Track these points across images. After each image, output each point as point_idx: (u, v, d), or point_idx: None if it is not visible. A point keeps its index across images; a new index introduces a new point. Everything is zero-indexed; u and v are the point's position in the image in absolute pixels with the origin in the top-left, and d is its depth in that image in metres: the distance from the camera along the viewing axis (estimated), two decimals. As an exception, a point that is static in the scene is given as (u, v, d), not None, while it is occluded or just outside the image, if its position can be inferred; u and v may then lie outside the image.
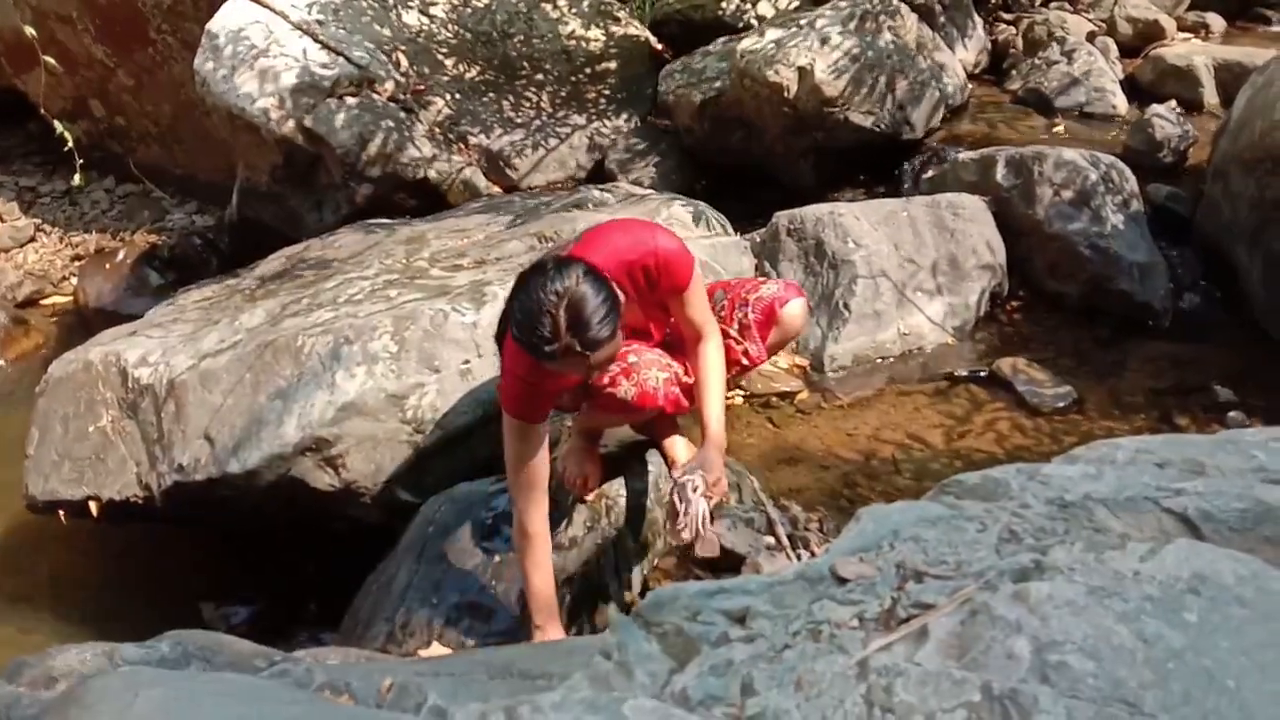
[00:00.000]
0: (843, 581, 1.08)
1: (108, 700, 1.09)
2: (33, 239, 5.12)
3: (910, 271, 3.21)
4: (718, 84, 4.07)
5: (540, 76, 4.36)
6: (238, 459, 2.51)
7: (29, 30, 3.85)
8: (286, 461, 2.48)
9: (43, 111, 4.28)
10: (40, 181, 5.54)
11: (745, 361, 2.30)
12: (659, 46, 4.64)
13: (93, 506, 2.79)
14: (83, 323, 4.43)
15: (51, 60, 3.86)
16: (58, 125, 3.64)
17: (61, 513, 2.89)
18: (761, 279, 2.58)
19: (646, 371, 2.07)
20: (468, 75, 4.24)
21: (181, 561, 3.08)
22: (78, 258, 4.97)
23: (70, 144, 3.59)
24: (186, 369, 2.69)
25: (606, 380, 2.05)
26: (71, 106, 5.30)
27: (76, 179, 3.89)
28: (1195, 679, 0.91)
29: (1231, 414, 2.75)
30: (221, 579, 2.90)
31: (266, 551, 2.86)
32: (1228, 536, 1.15)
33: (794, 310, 2.30)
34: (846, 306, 3.11)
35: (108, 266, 4.69)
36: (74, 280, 4.81)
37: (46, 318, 4.66)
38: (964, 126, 4.13)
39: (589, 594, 2.15)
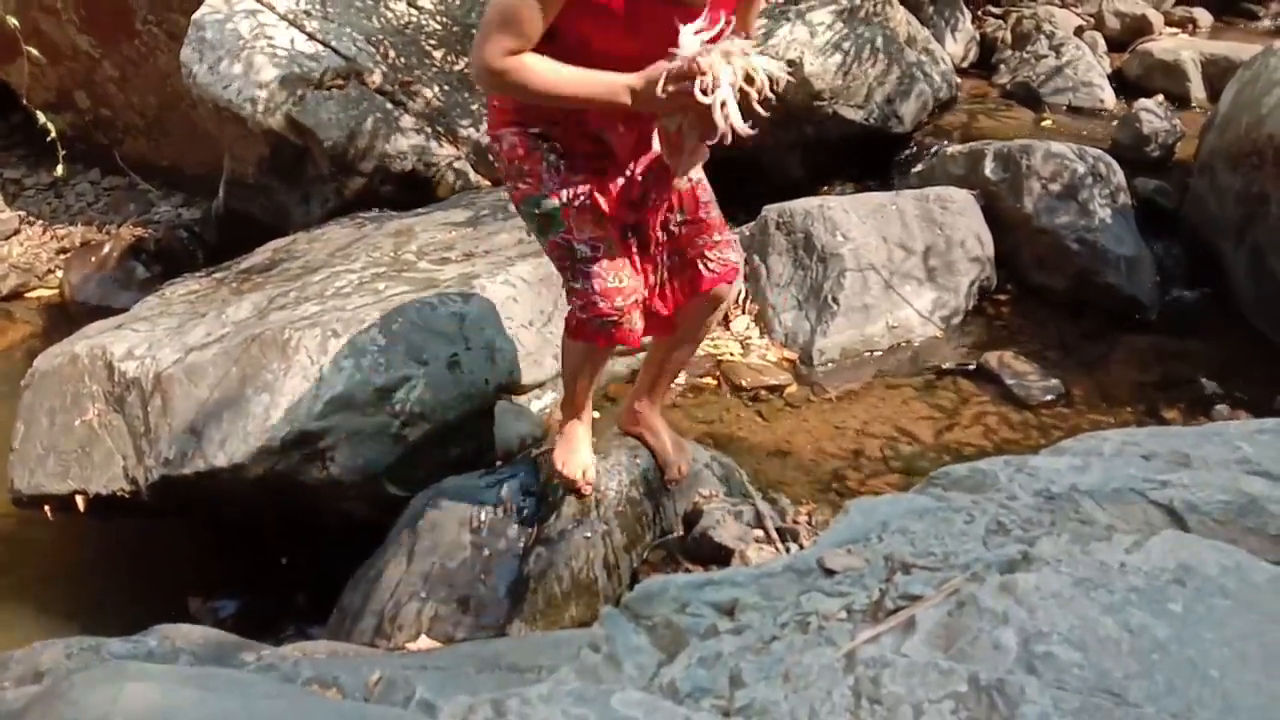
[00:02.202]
0: (831, 573, 1.08)
1: (94, 694, 1.08)
2: (17, 231, 5.07)
3: (899, 265, 3.21)
4: (707, 77, 4.06)
5: (529, 69, 4.34)
6: (224, 452, 2.49)
7: (12, 21, 3.81)
8: (274, 455, 2.47)
9: (26, 103, 4.24)
10: (25, 174, 5.49)
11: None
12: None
13: (79, 500, 2.77)
14: (68, 316, 4.40)
15: (35, 51, 3.83)
16: (40, 116, 3.61)
17: (47, 507, 2.87)
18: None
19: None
20: (456, 67, 4.21)
21: (168, 556, 3.06)
22: (63, 251, 4.93)
23: (53, 135, 3.56)
24: (173, 362, 2.67)
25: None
26: (56, 98, 5.25)
27: (59, 170, 3.86)
28: (1179, 669, 0.92)
29: (1217, 407, 2.77)
30: (208, 573, 2.89)
31: (254, 546, 2.85)
32: (1212, 528, 1.16)
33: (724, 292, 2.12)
34: (835, 300, 3.11)
35: (93, 259, 4.65)
36: (59, 273, 4.76)
37: (31, 311, 4.63)
38: (952, 120, 4.14)
39: (577, 587, 2.15)
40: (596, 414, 2.32)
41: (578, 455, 2.24)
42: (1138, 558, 1.06)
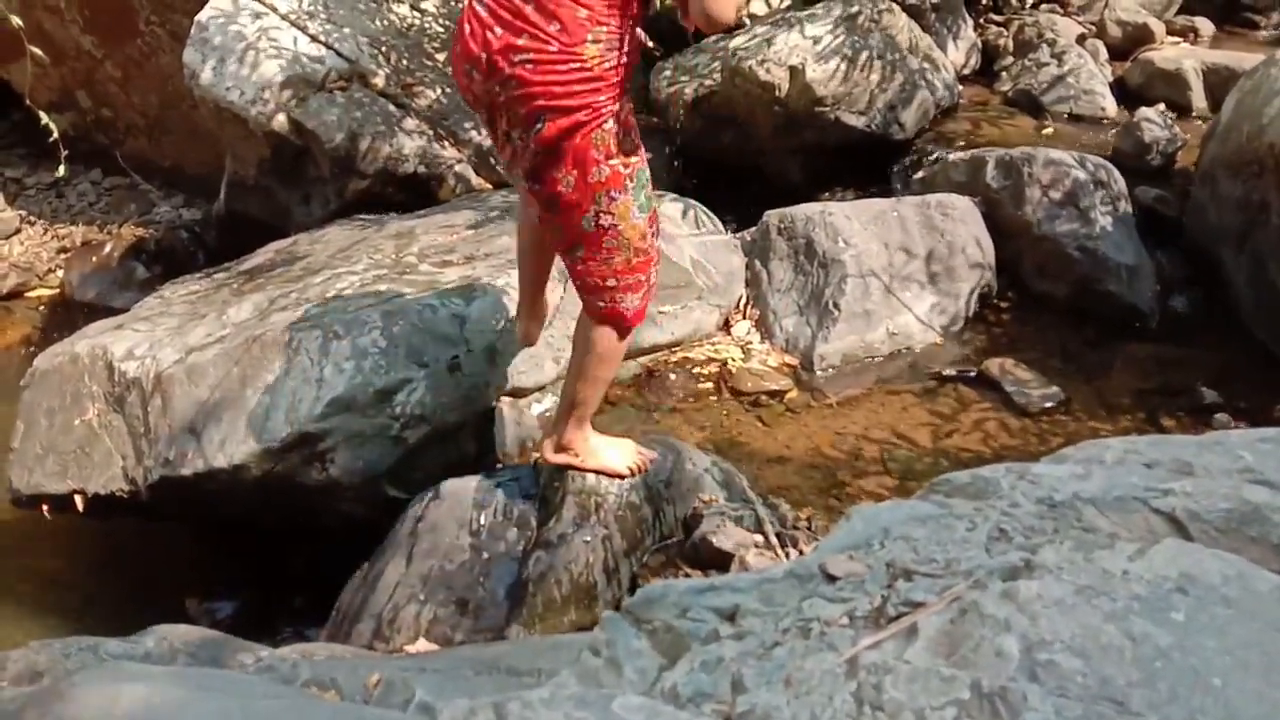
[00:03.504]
0: (832, 579, 1.08)
1: (93, 694, 1.08)
2: (18, 231, 5.07)
3: (900, 271, 3.21)
4: (709, 82, 4.07)
5: (531, 72, 4.35)
6: (224, 453, 2.49)
7: (15, 20, 3.81)
8: (273, 456, 2.47)
9: (28, 102, 4.24)
10: (25, 173, 5.49)
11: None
12: (650, 43, 4.64)
13: (77, 500, 2.77)
14: (68, 315, 4.40)
15: (38, 50, 3.83)
16: (42, 116, 3.61)
17: (45, 506, 2.86)
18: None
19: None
20: (458, 70, 4.22)
21: (166, 556, 3.06)
22: (63, 250, 4.93)
23: (55, 135, 3.56)
24: (173, 363, 2.67)
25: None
26: (58, 98, 5.25)
27: (61, 170, 3.86)
28: (1182, 677, 0.92)
29: (1217, 415, 2.77)
30: (206, 574, 2.89)
31: (252, 546, 2.85)
32: (1214, 537, 1.16)
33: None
34: (836, 306, 3.11)
35: (94, 259, 4.65)
36: (60, 273, 4.77)
37: (31, 310, 4.63)
38: (954, 127, 4.14)
39: (577, 591, 2.15)
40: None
41: (619, 449, 2.28)
42: (1140, 566, 1.06)
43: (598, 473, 2.25)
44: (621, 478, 2.25)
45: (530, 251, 2.36)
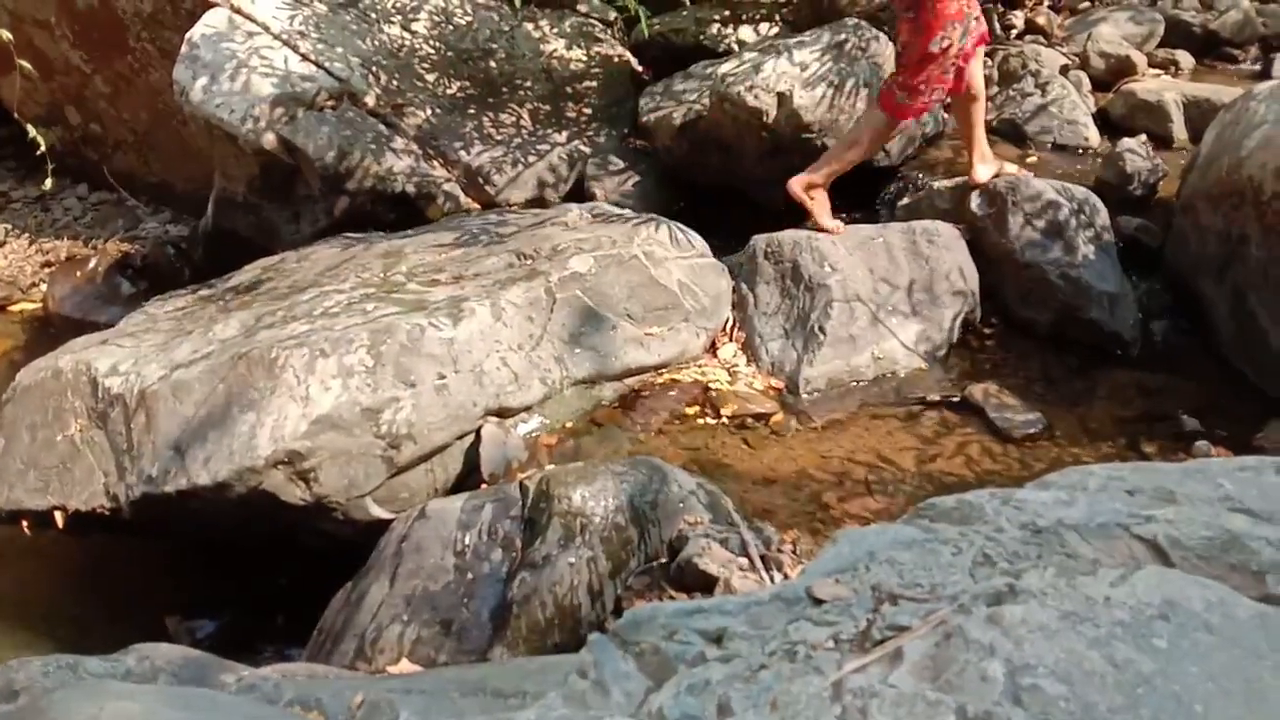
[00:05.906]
0: (819, 603, 1.08)
1: (73, 713, 1.07)
2: (2, 244, 5.05)
3: (885, 296, 3.24)
4: (697, 106, 4.10)
5: (521, 94, 4.38)
6: (208, 471, 2.48)
7: (4, 34, 3.81)
8: (258, 474, 2.46)
9: (16, 116, 4.23)
10: (11, 187, 5.48)
11: None
12: (640, 68, 4.67)
13: (58, 517, 2.74)
14: (51, 330, 4.37)
15: (27, 65, 3.83)
16: (30, 129, 3.60)
17: (25, 522, 2.84)
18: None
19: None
20: (448, 91, 4.24)
21: (147, 573, 3.03)
22: (48, 264, 4.91)
23: (43, 148, 3.56)
24: (158, 379, 2.66)
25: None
26: (46, 112, 5.24)
27: (48, 183, 3.85)
28: (1164, 703, 0.93)
29: (1198, 443, 2.79)
30: (187, 592, 2.86)
31: (234, 565, 2.83)
32: (1195, 564, 1.18)
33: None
34: (822, 330, 3.13)
35: (78, 274, 4.63)
36: (43, 287, 4.74)
37: (14, 324, 4.60)
38: (938, 155, 4.18)
39: (561, 613, 2.14)
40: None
41: (832, 219, 3.41)
42: (1122, 592, 1.07)
43: (816, 225, 3.38)
44: (830, 232, 3.32)
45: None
